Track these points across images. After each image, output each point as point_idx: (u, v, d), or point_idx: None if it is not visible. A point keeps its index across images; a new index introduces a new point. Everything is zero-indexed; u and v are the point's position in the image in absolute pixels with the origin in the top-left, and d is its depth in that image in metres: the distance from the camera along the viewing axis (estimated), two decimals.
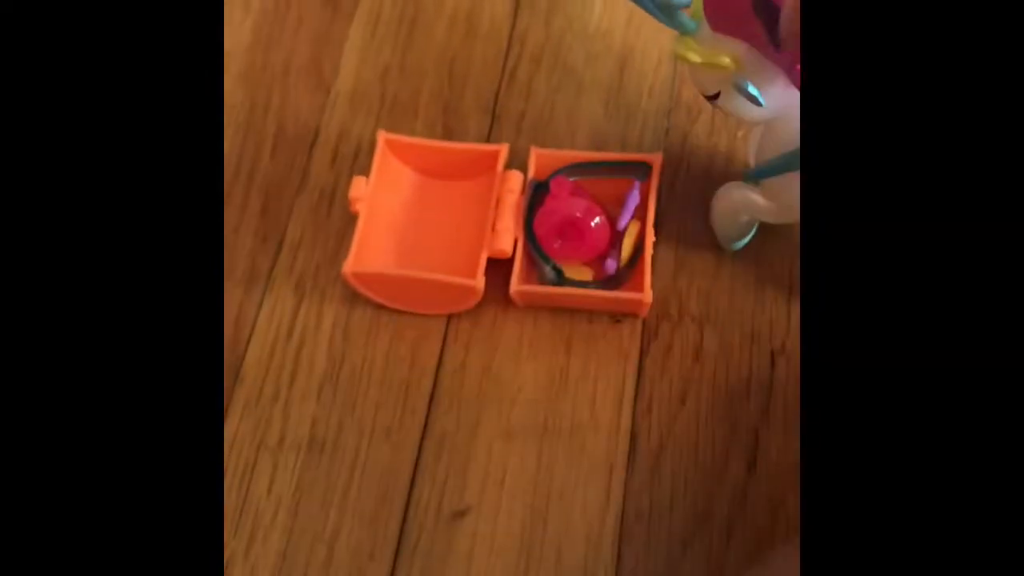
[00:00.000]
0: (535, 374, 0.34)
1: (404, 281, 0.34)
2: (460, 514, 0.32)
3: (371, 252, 0.35)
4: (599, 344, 0.35)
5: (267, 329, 0.35)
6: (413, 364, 0.35)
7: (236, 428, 0.34)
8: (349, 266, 0.34)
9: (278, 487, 0.33)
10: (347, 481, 0.33)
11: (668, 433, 0.33)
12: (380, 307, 0.36)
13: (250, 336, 0.35)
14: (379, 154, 0.36)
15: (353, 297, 0.36)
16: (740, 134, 0.38)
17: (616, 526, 0.31)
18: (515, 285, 0.34)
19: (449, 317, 0.35)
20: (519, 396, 0.34)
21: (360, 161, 0.38)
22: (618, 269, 0.34)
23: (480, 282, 0.34)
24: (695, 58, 0.29)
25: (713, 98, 0.32)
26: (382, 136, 0.36)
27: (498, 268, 0.34)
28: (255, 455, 0.33)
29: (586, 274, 0.35)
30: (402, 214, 0.37)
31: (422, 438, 0.33)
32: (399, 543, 0.32)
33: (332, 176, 0.38)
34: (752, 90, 0.28)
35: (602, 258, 0.35)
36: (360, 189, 0.35)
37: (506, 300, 0.35)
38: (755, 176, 0.33)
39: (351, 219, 0.37)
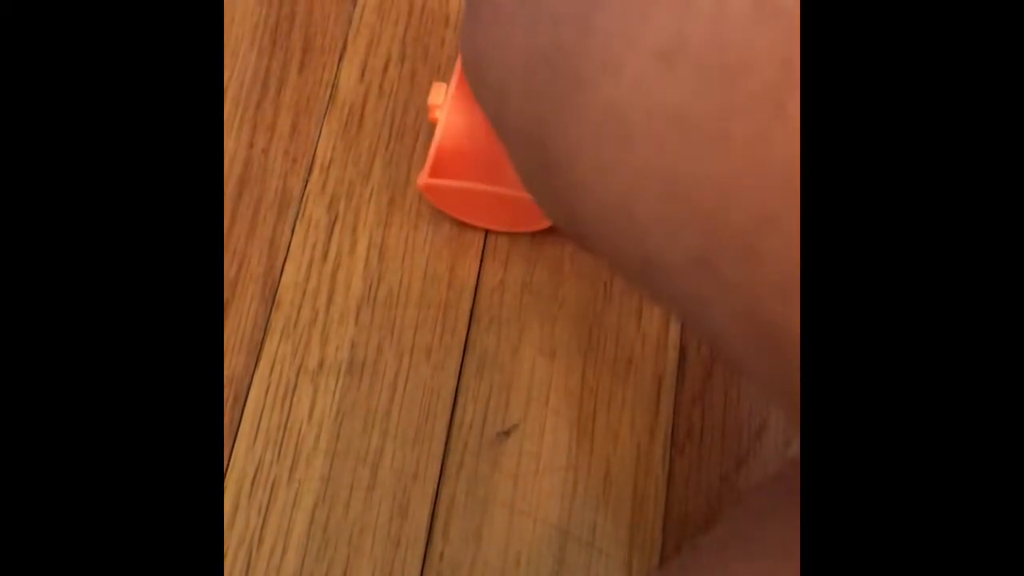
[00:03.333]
0: (578, 289, 0.33)
1: (478, 195, 0.33)
2: (505, 433, 0.31)
3: (447, 164, 0.34)
4: None
5: (301, 252, 0.34)
6: (451, 283, 0.33)
7: (275, 352, 0.33)
8: (424, 178, 0.33)
9: (319, 411, 0.32)
10: (388, 403, 0.32)
11: None
12: (415, 225, 0.34)
13: (285, 259, 0.34)
14: (461, 60, 0.34)
15: (388, 216, 0.34)
16: None
17: (667, 443, 0.30)
18: None
19: (487, 234, 0.34)
20: (561, 312, 0.32)
21: (389, 73, 0.37)
22: None
23: None
24: None
25: None
26: None
27: None
28: (295, 379, 0.33)
29: None
30: (480, 124, 0.35)
31: (463, 358, 0.32)
32: (443, 464, 0.31)
33: (361, 91, 0.37)
34: None
35: None
36: (439, 96, 0.34)
37: None
38: None
39: (381, 135, 0.35)
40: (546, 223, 0.33)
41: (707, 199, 0.15)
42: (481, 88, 0.21)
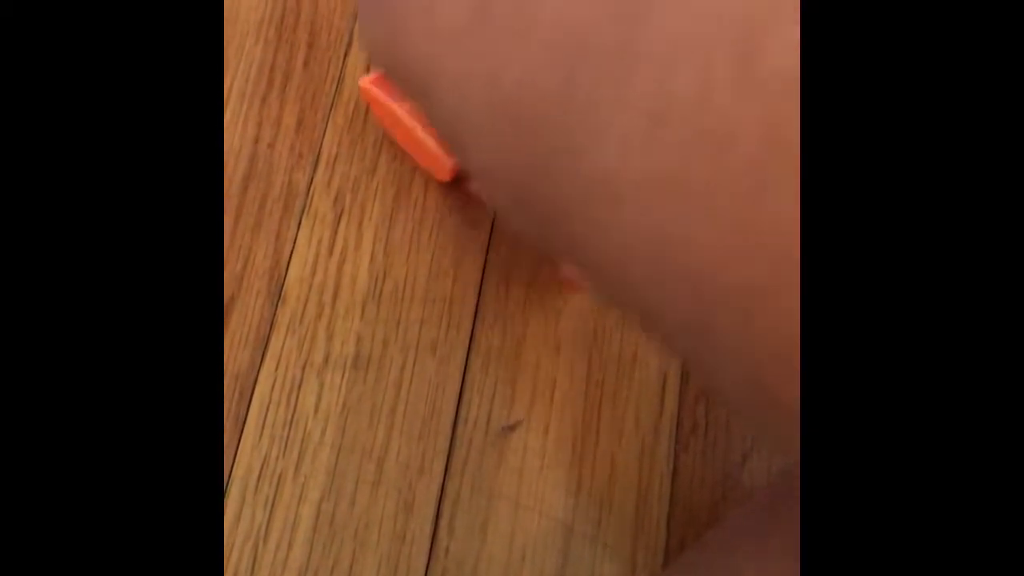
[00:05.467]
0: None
1: (402, 124, 0.33)
2: (510, 428, 0.31)
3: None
4: None
5: (307, 246, 0.35)
6: (456, 278, 0.33)
7: (281, 347, 0.33)
8: (365, 80, 0.33)
9: (325, 405, 0.32)
10: (394, 398, 0.32)
11: None
12: (420, 221, 0.34)
13: (291, 254, 0.35)
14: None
15: (393, 211, 0.34)
16: None
17: (671, 438, 0.30)
18: None
19: (491, 230, 0.34)
20: (566, 307, 0.33)
21: None
22: None
23: (450, 161, 0.32)
24: None
25: None
26: None
27: None
28: (301, 374, 0.33)
29: None
30: None
31: (468, 353, 0.32)
32: (449, 459, 0.31)
33: None
34: None
35: None
36: None
37: None
38: None
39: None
40: (445, 177, 0.33)
41: (698, 263, 0.15)
42: (430, 114, 0.20)
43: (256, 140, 0.36)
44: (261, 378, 0.33)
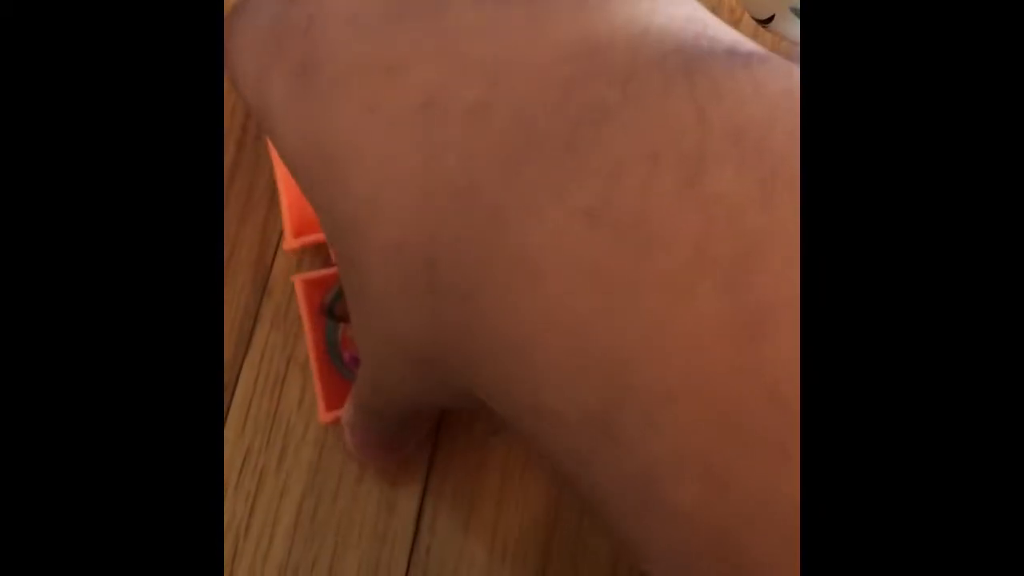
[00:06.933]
0: None
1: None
2: (493, 432, 0.31)
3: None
4: None
5: None
6: None
7: (265, 341, 0.33)
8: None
9: (308, 400, 0.32)
10: None
11: None
12: None
13: (276, 247, 0.34)
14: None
15: None
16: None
17: None
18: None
19: None
20: None
21: None
22: None
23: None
24: None
25: (766, 22, 0.30)
26: None
27: None
28: (284, 369, 0.33)
29: None
30: None
31: None
32: (432, 457, 0.31)
33: None
34: None
35: None
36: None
37: None
38: None
39: None
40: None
41: (611, 358, 0.15)
42: (332, 187, 0.19)
43: (243, 129, 0.36)
44: (244, 371, 0.33)
